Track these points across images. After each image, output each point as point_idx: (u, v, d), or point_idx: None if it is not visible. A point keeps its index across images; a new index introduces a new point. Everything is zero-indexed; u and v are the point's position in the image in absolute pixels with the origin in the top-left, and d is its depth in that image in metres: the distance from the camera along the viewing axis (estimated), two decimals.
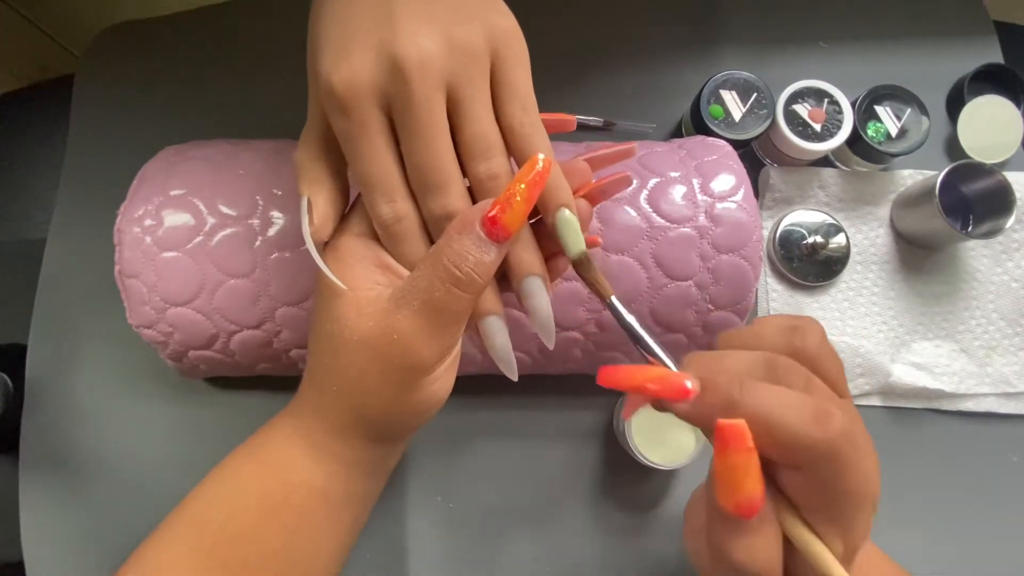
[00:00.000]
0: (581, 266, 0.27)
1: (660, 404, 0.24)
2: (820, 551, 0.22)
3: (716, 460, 0.22)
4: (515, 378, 0.29)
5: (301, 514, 0.30)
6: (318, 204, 0.28)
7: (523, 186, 0.26)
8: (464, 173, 0.27)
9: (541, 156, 0.26)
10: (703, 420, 0.23)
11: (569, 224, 0.27)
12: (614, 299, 0.27)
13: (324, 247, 0.29)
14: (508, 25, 0.27)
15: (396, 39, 0.25)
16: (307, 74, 0.29)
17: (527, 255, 0.27)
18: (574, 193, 0.28)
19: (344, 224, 0.30)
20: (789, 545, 0.23)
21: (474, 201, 0.27)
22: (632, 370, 0.24)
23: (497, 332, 0.28)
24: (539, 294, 0.27)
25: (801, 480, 0.22)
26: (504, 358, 0.29)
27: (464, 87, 0.26)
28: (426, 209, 0.27)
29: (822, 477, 0.21)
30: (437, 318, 0.27)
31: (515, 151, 0.27)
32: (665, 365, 0.25)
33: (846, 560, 0.22)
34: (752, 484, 0.22)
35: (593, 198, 0.29)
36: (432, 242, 0.28)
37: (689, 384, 0.23)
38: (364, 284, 0.27)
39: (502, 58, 0.27)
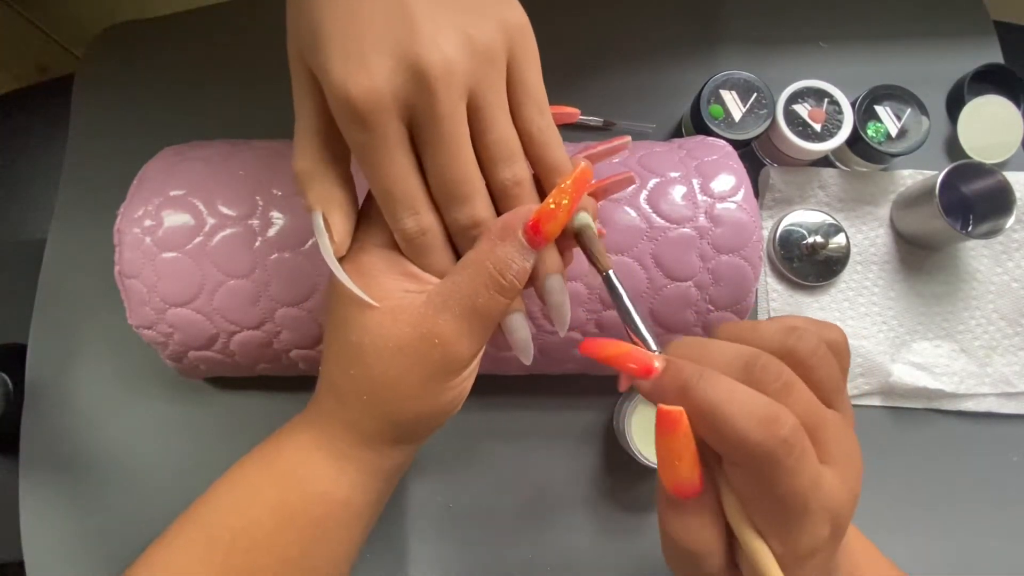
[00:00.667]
0: (583, 237, 0.28)
1: (635, 382, 0.25)
2: (757, 547, 0.22)
3: (656, 439, 0.23)
4: (529, 362, 0.30)
5: (319, 524, 0.30)
6: (335, 221, 0.27)
7: (566, 200, 0.26)
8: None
9: (583, 164, 0.27)
10: (658, 401, 0.23)
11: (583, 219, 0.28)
12: (611, 273, 0.27)
13: (343, 260, 0.29)
14: (521, 21, 0.26)
15: (416, 42, 0.24)
16: (291, 69, 0.27)
17: (551, 255, 0.28)
18: None
19: (361, 236, 0.29)
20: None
21: (496, 205, 0.28)
22: (610, 343, 0.25)
23: (521, 327, 0.29)
24: (561, 290, 0.28)
25: (741, 477, 0.22)
26: (525, 349, 0.30)
27: (486, 93, 0.25)
28: (451, 219, 0.27)
29: (759, 479, 0.21)
30: (478, 321, 0.27)
31: (534, 157, 0.27)
32: (647, 343, 0.26)
33: (788, 566, 0.22)
34: (687, 469, 0.22)
35: (595, 196, 0.29)
36: (454, 248, 0.28)
37: (656, 364, 0.23)
38: (394, 294, 0.27)
39: (517, 59, 0.26)
